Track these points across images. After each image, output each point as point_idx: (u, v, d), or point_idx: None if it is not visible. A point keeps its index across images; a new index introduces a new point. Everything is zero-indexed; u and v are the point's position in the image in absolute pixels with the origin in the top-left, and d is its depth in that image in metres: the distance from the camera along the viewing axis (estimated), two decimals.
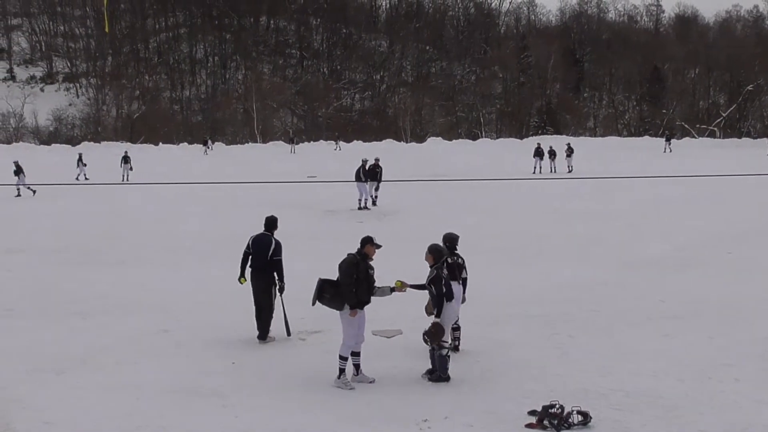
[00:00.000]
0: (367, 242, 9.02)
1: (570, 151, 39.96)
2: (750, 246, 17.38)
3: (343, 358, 8.88)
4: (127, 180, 35.43)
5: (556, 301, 12.59)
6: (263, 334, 10.58)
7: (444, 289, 8.69)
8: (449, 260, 9.52)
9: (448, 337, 8.96)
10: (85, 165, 37.78)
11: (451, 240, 9.88)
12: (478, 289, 13.56)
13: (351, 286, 8.80)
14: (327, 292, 8.94)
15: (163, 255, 17.29)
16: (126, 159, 37.54)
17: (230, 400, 8.38)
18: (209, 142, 66.60)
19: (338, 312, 8.96)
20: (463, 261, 9.84)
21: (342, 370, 8.86)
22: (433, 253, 9.01)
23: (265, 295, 10.51)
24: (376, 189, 25.25)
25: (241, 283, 10.60)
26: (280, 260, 10.45)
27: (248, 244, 10.61)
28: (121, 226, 21.63)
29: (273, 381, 9.01)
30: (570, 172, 38.32)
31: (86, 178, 36.26)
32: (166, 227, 21.43)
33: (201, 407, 8.20)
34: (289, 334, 10.64)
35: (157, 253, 17.59)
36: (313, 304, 9.09)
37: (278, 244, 10.49)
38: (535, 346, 10.15)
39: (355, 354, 8.97)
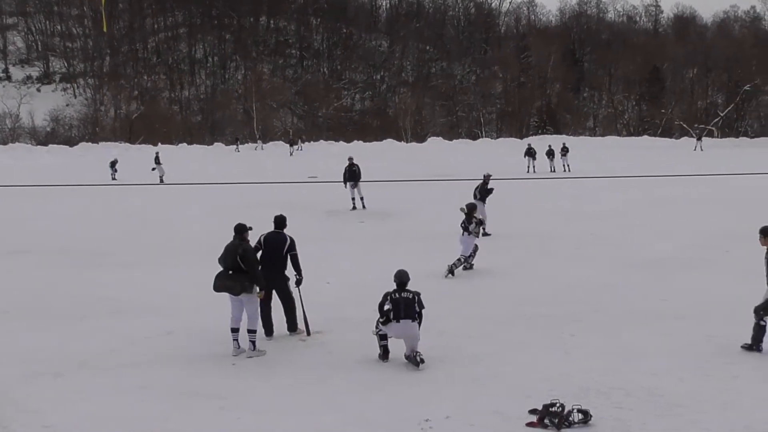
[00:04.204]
0: (244, 230, 10.20)
1: (565, 151, 40.03)
2: (751, 246, 17.31)
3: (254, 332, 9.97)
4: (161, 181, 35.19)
5: (558, 301, 12.61)
6: (292, 326, 10.85)
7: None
8: (395, 295, 9.40)
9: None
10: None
11: (399, 276, 9.59)
12: (483, 289, 13.63)
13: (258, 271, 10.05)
14: (228, 280, 9.94)
15: (166, 257, 17.27)
16: (157, 159, 37.69)
17: (232, 401, 8.38)
18: (260, 141, 69.99)
19: (240, 296, 9.89)
20: (414, 295, 9.46)
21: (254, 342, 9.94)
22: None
23: (281, 290, 10.72)
24: (353, 187, 24.77)
25: None
26: (297, 254, 10.69)
27: (258, 241, 10.74)
28: (124, 228, 21.63)
29: (274, 382, 9.01)
30: (566, 171, 38.34)
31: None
32: (169, 229, 21.43)
33: (203, 409, 8.20)
34: (308, 333, 10.75)
35: (159, 254, 17.57)
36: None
37: (292, 240, 10.75)
38: (538, 346, 10.16)
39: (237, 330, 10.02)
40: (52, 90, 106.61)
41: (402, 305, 9.35)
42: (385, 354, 9.60)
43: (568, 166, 39.33)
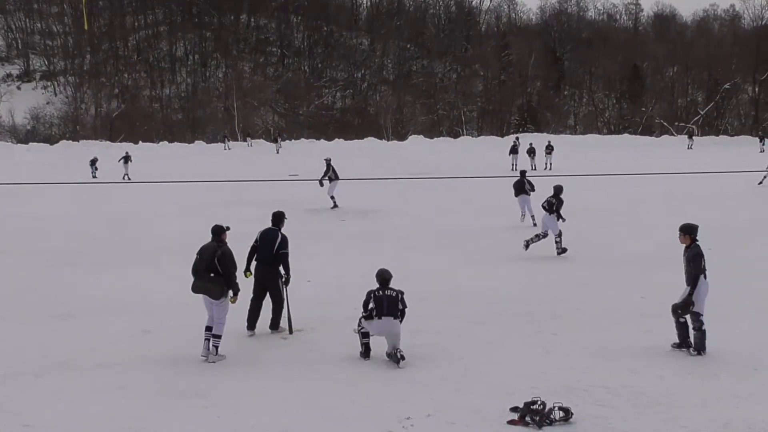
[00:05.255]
0: (221, 231, 9.92)
1: (550, 149, 40.13)
2: (730, 243, 17.49)
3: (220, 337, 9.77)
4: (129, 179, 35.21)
5: (539, 299, 12.65)
6: (275, 324, 10.84)
7: None
8: (378, 293, 9.53)
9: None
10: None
11: (381, 275, 9.72)
12: (463, 288, 13.64)
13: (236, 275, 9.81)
14: (209, 283, 9.77)
15: (145, 256, 17.16)
16: (126, 159, 37.58)
17: (212, 400, 8.35)
18: (241, 139, 70.61)
19: (214, 300, 9.74)
20: (398, 294, 9.60)
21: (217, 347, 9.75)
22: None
23: (272, 288, 10.72)
24: (328, 188, 24.82)
25: (246, 277, 10.63)
26: (286, 253, 10.68)
27: (256, 239, 10.80)
28: (103, 227, 21.47)
29: (255, 380, 8.99)
30: (547, 169, 38.41)
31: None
32: (148, 228, 21.30)
33: (183, 408, 8.16)
34: (291, 331, 10.75)
35: (139, 254, 17.46)
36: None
37: (284, 238, 10.72)
38: (518, 344, 10.20)
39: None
40: (32, 88, 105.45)
41: (385, 302, 9.43)
42: (366, 352, 9.63)
43: (550, 164, 39.45)
